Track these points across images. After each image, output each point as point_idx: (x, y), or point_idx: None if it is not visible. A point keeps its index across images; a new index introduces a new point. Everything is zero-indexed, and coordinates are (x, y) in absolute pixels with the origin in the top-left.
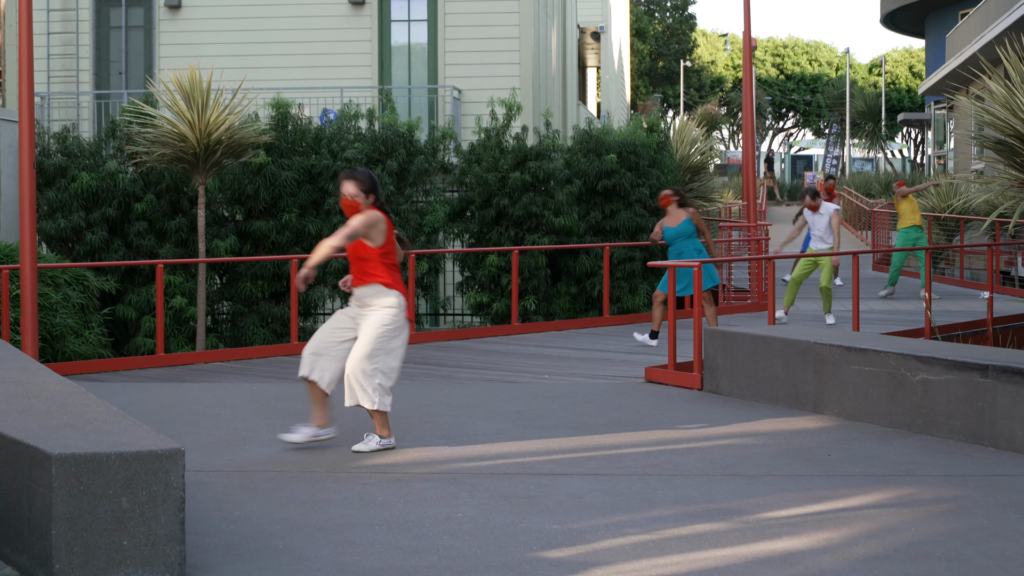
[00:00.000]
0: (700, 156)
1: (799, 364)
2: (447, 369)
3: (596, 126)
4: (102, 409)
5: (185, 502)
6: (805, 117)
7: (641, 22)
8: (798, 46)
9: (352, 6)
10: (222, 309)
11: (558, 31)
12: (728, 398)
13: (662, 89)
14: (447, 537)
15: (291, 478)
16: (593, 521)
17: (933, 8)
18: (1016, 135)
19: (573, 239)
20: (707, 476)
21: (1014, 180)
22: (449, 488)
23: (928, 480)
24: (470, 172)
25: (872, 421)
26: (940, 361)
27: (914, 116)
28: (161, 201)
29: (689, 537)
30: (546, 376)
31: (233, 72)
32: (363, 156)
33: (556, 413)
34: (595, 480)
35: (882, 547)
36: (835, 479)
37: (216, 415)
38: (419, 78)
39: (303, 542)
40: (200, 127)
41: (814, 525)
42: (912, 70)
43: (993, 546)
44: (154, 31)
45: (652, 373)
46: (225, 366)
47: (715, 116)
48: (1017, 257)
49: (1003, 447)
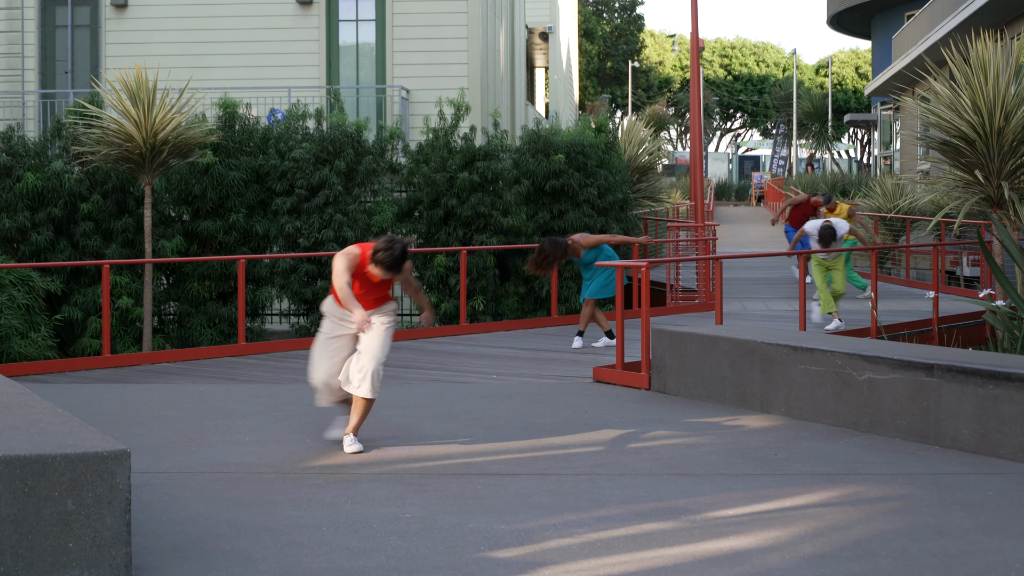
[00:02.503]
0: (648, 156)
1: (746, 364)
2: (395, 370)
3: (544, 126)
4: (47, 410)
5: (131, 504)
6: (752, 118)
7: (589, 23)
8: (746, 47)
9: (300, 5)
10: (169, 310)
11: (506, 31)
12: (676, 398)
13: (610, 89)
14: (395, 538)
15: (238, 479)
16: (541, 521)
17: (879, 10)
18: (961, 136)
19: (521, 239)
20: (655, 476)
21: (959, 180)
22: (397, 489)
23: (874, 479)
24: (418, 172)
25: (819, 420)
26: (886, 360)
27: (860, 117)
28: (107, 201)
29: (637, 536)
30: (494, 376)
31: (180, 71)
32: (311, 156)
33: (504, 413)
34: (543, 480)
35: (828, 545)
36: (782, 478)
37: (163, 416)
38: (367, 78)
39: (250, 543)
40: (146, 127)
41: (761, 524)
42: (858, 71)
43: (938, 544)
44: (100, 30)
45: (600, 373)
46: (172, 367)
47: (663, 116)
48: (962, 257)
49: (948, 446)
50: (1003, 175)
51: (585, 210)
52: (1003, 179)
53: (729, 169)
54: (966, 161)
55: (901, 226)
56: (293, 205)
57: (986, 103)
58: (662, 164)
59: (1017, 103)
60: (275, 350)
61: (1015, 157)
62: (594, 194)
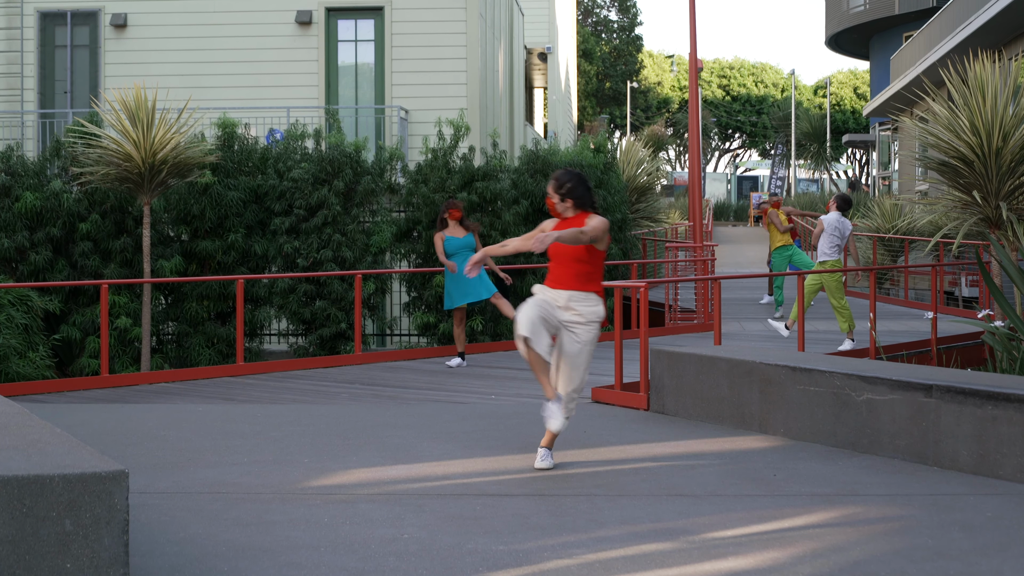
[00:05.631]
0: (647, 177)
1: (745, 384)
2: (393, 390)
3: (543, 147)
4: (46, 431)
5: (129, 524)
6: (751, 138)
7: (588, 43)
8: (744, 67)
9: (299, 26)
10: (167, 329)
11: (505, 52)
12: (674, 418)
13: (609, 110)
14: (393, 558)
15: (236, 500)
16: (539, 542)
17: (878, 30)
18: (959, 157)
19: (520, 259)
20: (653, 496)
21: (957, 201)
22: (395, 509)
23: (873, 500)
24: (417, 192)
25: (817, 441)
26: (884, 381)
27: (859, 137)
28: (106, 221)
29: (635, 557)
30: (493, 396)
31: (179, 91)
32: (309, 176)
33: (502, 433)
34: (541, 500)
35: (827, 566)
36: (781, 499)
37: (161, 436)
38: (366, 98)
39: (248, 564)
40: (145, 147)
41: (760, 545)
42: (857, 91)
43: (937, 565)
44: (99, 50)
45: (599, 393)
46: (170, 387)
47: (662, 137)
48: (961, 277)
49: (947, 466)
50: (1001, 196)
51: None
52: (1001, 200)
53: (728, 189)
54: (964, 182)
55: (900, 246)
56: (292, 225)
57: (984, 124)
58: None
59: (1015, 124)
60: (273, 370)
61: (1013, 178)
62: None
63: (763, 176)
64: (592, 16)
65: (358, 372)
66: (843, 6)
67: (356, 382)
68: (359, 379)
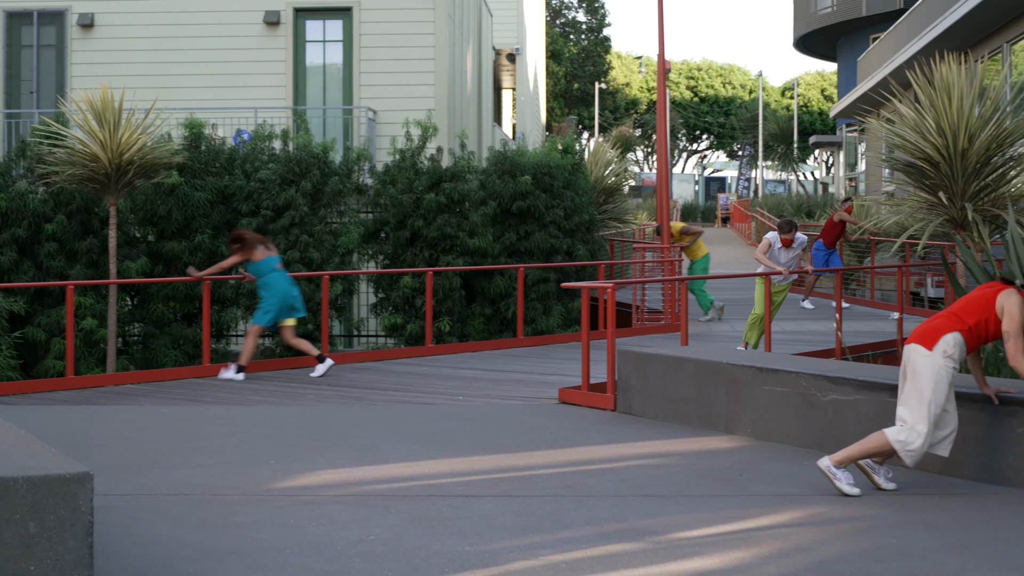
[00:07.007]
0: (615, 178)
1: (711, 385)
2: (360, 391)
3: (511, 147)
4: (10, 432)
5: (94, 526)
6: (719, 139)
7: (556, 44)
8: (712, 69)
9: (267, 26)
10: (133, 331)
11: (473, 53)
12: (641, 419)
13: (577, 111)
14: (359, 560)
15: (202, 501)
16: (506, 543)
17: (845, 32)
18: (925, 158)
19: (487, 260)
20: (620, 497)
21: (923, 202)
22: (362, 510)
23: (838, 500)
24: (385, 193)
25: (784, 441)
26: (850, 381)
27: (826, 139)
28: (72, 222)
29: (602, 558)
30: (460, 398)
31: (146, 92)
32: (277, 177)
33: (470, 435)
34: (508, 501)
35: (793, 566)
36: (747, 499)
37: (126, 438)
38: (334, 99)
39: (214, 566)
40: (112, 147)
41: (726, 545)
42: (824, 93)
43: (902, 564)
44: (66, 50)
45: (566, 394)
46: (136, 388)
47: (629, 138)
48: (927, 278)
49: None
50: (967, 197)
51: (551, 231)
52: (967, 201)
53: (695, 190)
54: (930, 183)
55: (866, 247)
56: (259, 226)
57: (950, 125)
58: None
59: (981, 125)
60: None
61: (979, 179)
62: (560, 215)
63: (731, 177)
64: (561, 17)
65: (325, 373)
66: (811, 8)
67: (323, 383)
68: (326, 380)
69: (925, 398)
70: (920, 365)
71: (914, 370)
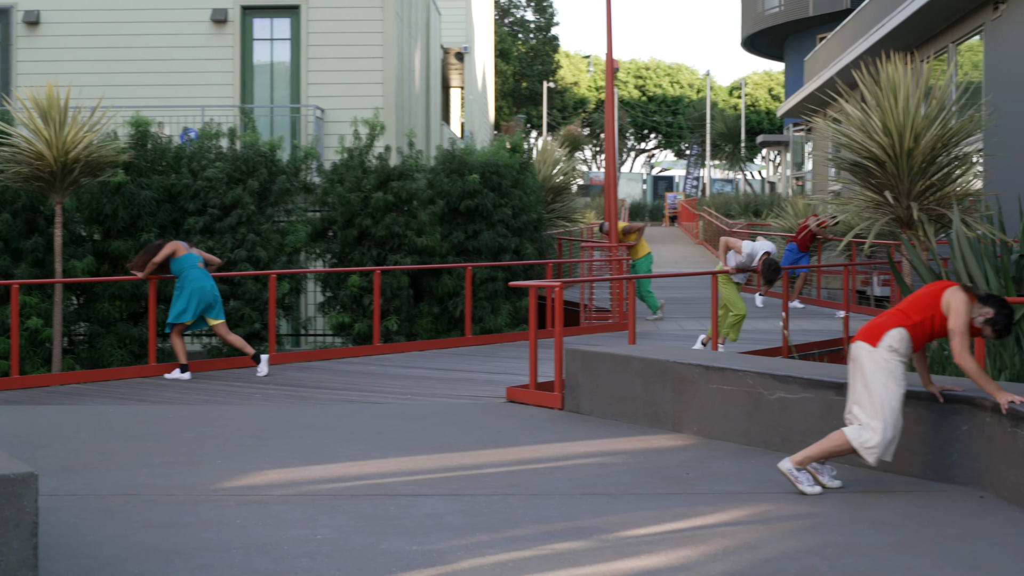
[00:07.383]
0: (563, 177)
1: (659, 383)
2: (307, 390)
3: (459, 146)
4: None
5: (39, 527)
6: (667, 138)
7: (505, 43)
8: (660, 68)
9: (214, 24)
10: (79, 330)
11: (422, 51)
12: (589, 417)
13: (525, 110)
14: (306, 560)
15: (148, 502)
16: (453, 542)
17: (792, 32)
18: (871, 157)
19: (435, 259)
20: (567, 495)
21: (869, 201)
22: (308, 510)
23: (785, 497)
24: (332, 192)
25: (730, 439)
26: (797, 380)
27: (773, 138)
28: (17, 220)
29: (549, 556)
30: (407, 397)
31: (92, 90)
32: (224, 175)
33: (417, 434)
34: (455, 500)
35: (739, 564)
36: (693, 497)
37: (72, 438)
38: (282, 97)
39: (159, 566)
40: (57, 145)
41: (673, 543)
42: (771, 92)
43: (848, 562)
44: (11, 47)
45: (514, 393)
46: (82, 388)
47: (578, 137)
48: (873, 277)
49: (857, 464)
50: (912, 196)
51: (500, 230)
52: (912, 200)
53: (643, 189)
54: (876, 182)
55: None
56: (206, 225)
57: (896, 125)
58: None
59: (926, 125)
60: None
61: (924, 178)
62: (509, 214)
63: (679, 176)
64: (509, 16)
65: (272, 372)
66: (758, 7)
67: (270, 383)
68: (273, 379)
69: (875, 394)
70: (866, 361)
71: (861, 367)
